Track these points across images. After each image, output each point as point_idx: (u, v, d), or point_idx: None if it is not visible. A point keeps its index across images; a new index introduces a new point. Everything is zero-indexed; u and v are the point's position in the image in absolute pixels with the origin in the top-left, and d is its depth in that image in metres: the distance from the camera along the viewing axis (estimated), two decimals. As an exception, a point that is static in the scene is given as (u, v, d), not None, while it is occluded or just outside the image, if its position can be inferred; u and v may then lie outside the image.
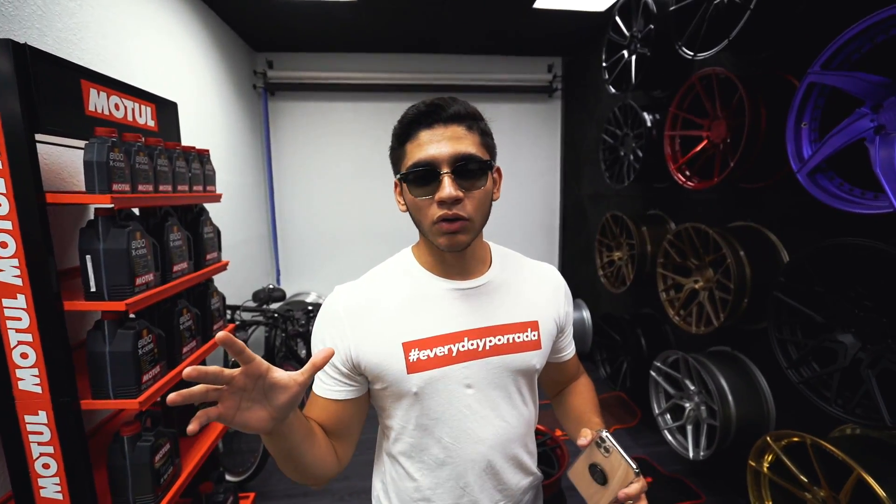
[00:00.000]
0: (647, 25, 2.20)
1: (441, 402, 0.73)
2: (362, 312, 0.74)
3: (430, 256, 0.78)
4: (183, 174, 1.57)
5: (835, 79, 1.33)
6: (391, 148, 0.76)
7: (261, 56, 3.81)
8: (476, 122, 0.72)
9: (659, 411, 2.27)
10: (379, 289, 0.77)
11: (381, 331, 0.73)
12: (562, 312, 0.85)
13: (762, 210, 1.91)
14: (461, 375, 0.73)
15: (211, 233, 1.77)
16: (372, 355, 0.72)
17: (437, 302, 0.75)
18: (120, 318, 1.24)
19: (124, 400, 1.22)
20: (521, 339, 0.77)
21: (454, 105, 0.70)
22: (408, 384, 0.72)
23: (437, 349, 0.73)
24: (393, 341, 0.72)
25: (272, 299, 2.94)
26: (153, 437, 1.31)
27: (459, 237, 0.70)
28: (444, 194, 0.66)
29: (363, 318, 0.74)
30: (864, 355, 1.32)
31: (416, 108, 0.71)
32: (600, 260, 3.02)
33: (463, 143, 0.68)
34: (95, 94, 1.29)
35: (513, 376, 0.77)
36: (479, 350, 0.74)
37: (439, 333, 0.73)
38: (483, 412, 0.75)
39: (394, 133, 0.74)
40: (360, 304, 0.75)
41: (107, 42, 1.85)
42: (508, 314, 0.78)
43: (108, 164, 1.15)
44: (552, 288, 0.85)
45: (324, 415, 0.75)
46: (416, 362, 0.72)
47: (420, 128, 0.69)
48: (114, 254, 1.19)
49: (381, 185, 4.03)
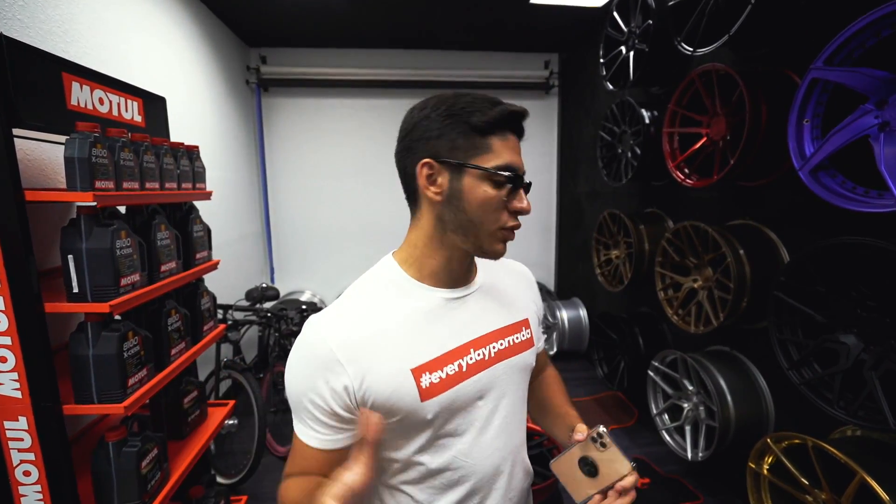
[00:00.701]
0: (646, 21, 2.17)
1: (455, 422, 0.69)
2: (359, 345, 0.64)
3: (435, 262, 0.70)
4: (171, 171, 1.52)
5: (838, 74, 1.30)
6: (446, 125, 0.64)
7: (254, 51, 3.75)
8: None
9: (657, 411, 2.26)
10: (369, 312, 0.67)
11: (384, 360, 0.64)
12: (539, 305, 0.86)
13: (761, 208, 1.89)
14: (473, 390, 0.69)
15: (201, 231, 1.73)
16: (381, 389, 0.63)
17: (437, 316, 0.69)
18: (104, 320, 1.19)
19: (109, 405, 1.18)
20: (519, 340, 0.76)
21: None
22: (423, 412, 0.65)
23: (448, 368, 0.67)
24: (400, 370, 0.64)
25: (265, 298, 2.90)
26: (140, 442, 1.27)
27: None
28: (526, 206, 0.66)
29: (361, 351, 0.64)
30: (867, 356, 1.30)
31: (512, 107, 0.65)
32: (597, 258, 2.99)
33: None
34: (78, 88, 1.25)
35: (516, 378, 0.75)
36: (486, 359, 0.71)
37: (446, 350, 0.68)
38: (495, 421, 0.72)
39: (469, 112, 0.64)
40: (354, 336, 0.64)
41: (94, 35, 1.80)
42: (503, 316, 0.76)
43: (91, 161, 1.11)
44: (527, 282, 0.85)
45: (319, 466, 0.66)
46: (430, 387, 0.65)
47: (510, 129, 0.66)
48: (97, 253, 1.15)
49: (376, 182, 3.99)
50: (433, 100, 0.67)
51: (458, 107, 0.65)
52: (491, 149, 0.65)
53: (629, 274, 2.58)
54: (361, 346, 0.64)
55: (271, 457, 2.52)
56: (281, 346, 2.72)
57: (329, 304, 0.70)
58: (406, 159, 0.68)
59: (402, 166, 0.70)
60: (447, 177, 0.65)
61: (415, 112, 0.68)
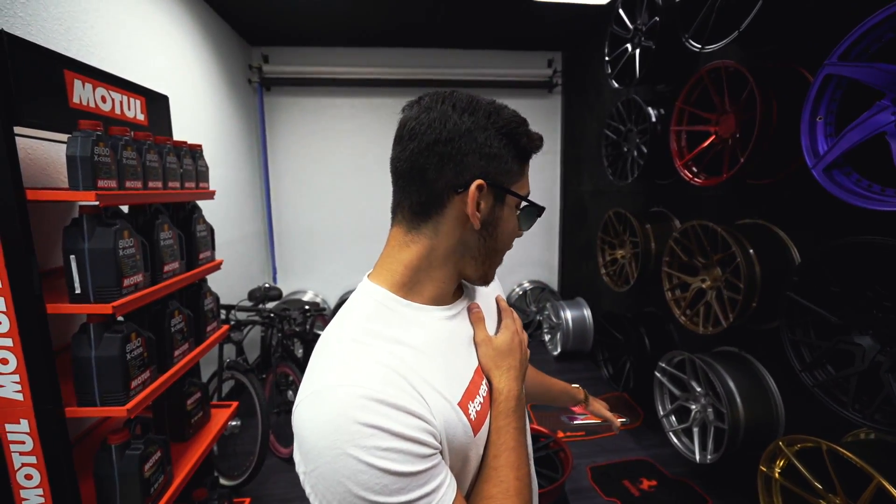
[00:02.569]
0: (652, 18, 2.15)
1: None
2: (406, 373, 0.52)
3: (438, 284, 0.61)
4: (174, 170, 1.50)
5: (853, 70, 1.28)
6: (512, 150, 0.59)
7: (256, 50, 3.73)
8: None
9: (664, 413, 2.23)
10: (386, 347, 0.54)
11: (431, 394, 0.53)
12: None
13: (771, 207, 1.87)
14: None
15: (204, 231, 1.71)
16: (444, 421, 0.53)
17: (448, 336, 0.61)
18: (107, 321, 1.18)
19: (112, 407, 1.16)
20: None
21: None
22: (475, 447, 0.57)
23: (482, 390, 0.61)
24: (448, 404, 0.54)
25: (268, 298, 2.88)
26: (142, 445, 1.25)
27: None
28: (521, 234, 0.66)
29: (413, 380, 0.52)
30: (884, 358, 1.27)
31: (538, 138, 0.62)
32: (602, 258, 2.97)
33: None
34: (80, 86, 1.23)
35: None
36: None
37: (473, 372, 0.61)
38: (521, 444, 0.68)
39: (513, 134, 0.58)
40: (397, 366, 0.52)
41: (95, 33, 1.78)
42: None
43: (93, 160, 1.09)
44: (497, 285, 0.80)
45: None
46: (477, 418, 0.57)
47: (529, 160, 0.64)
48: (100, 254, 1.13)
49: (379, 181, 3.97)
50: (472, 102, 0.57)
51: (510, 125, 0.58)
52: (523, 176, 0.62)
53: (635, 274, 2.56)
54: (409, 375, 0.52)
55: (274, 458, 2.50)
56: (283, 346, 2.70)
57: (318, 365, 0.53)
58: (440, 168, 0.55)
59: (422, 172, 0.56)
60: (491, 202, 0.58)
61: (456, 115, 0.56)
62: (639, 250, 2.50)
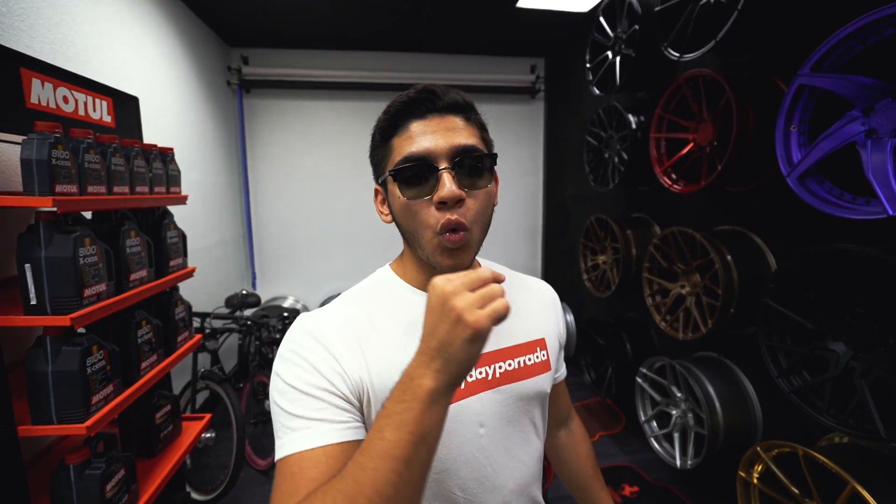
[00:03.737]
0: (632, 26, 2.17)
1: (452, 448, 0.59)
2: (360, 326, 0.60)
3: (419, 273, 0.65)
4: (142, 174, 1.45)
5: (825, 81, 1.30)
6: (372, 147, 0.64)
7: (235, 51, 3.66)
8: (474, 114, 0.62)
9: (645, 418, 2.24)
10: (369, 308, 0.63)
11: (384, 354, 0.58)
12: (562, 328, 0.78)
13: (748, 214, 1.89)
14: (474, 412, 0.61)
15: (175, 237, 1.65)
16: (385, 379, 0.56)
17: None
18: (65, 334, 1.11)
19: (69, 425, 1.10)
20: (532, 362, 0.68)
21: (450, 93, 0.59)
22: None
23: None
24: (399, 370, 0.52)
25: (246, 305, 2.80)
26: (104, 464, 1.19)
27: (461, 256, 0.58)
28: (445, 192, 0.54)
29: (364, 333, 0.59)
30: (857, 364, 1.29)
31: (404, 96, 0.59)
32: (584, 264, 2.98)
33: (463, 135, 0.58)
34: (39, 85, 1.17)
35: (526, 406, 0.66)
36: (489, 379, 0.63)
37: None
38: (497, 455, 0.63)
39: (376, 128, 0.62)
40: (355, 318, 0.60)
41: (61, 31, 1.71)
42: (515, 334, 0.68)
43: (50, 163, 1.03)
44: (549, 301, 0.78)
45: (331, 470, 0.49)
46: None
47: (411, 118, 0.58)
48: (58, 262, 1.07)
49: (361, 186, 3.92)
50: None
51: (380, 119, 0.63)
52: (393, 150, 0.60)
53: (616, 279, 2.57)
54: (363, 329, 0.60)
55: (251, 470, 2.42)
56: (262, 354, 2.63)
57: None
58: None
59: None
60: (385, 196, 0.64)
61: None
62: (620, 256, 2.51)
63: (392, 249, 0.73)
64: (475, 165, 0.58)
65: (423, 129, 0.58)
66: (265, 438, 2.54)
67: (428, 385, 0.44)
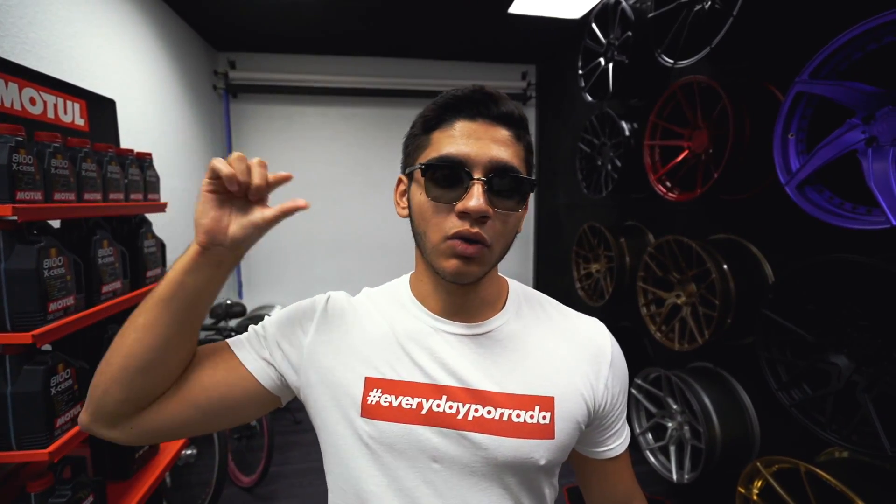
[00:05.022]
0: (625, 33, 2.15)
1: (395, 470, 0.56)
2: (340, 323, 0.62)
3: (424, 285, 0.62)
4: (117, 180, 1.37)
5: (824, 88, 1.28)
6: (410, 134, 0.60)
7: (222, 55, 3.59)
8: (525, 133, 0.58)
9: (640, 431, 2.19)
10: (366, 311, 0.64)
11: (347, 356, 0.60)
12: (600, 390, 0.61)
13: (744, 223, 1.87)
14: (427, 444, 0.55)
15: (153, 246, 1.57)
16: (326, 373, 0.59)
17: (421, 342, 0.59)
18: (27, 352, 1.04)
19: (31, 450, 1.02)
20: (523, 420, 0.56)
21: (507, 103, 0.55)
22: (357, 429, 0.56)
23: (404, 399, 0.56)
24: (356, 371, 0.58)
25: (230, 315, 2.72)
26: (70, 491, 1.11)
27: (472, 267, 0.53)
28: (472, 205, 0.51)
29: (337, 329, 0.62)
30: (860, 378, 1.26)
31: (458, 91, 0.56)
32: (577, 272, 2.94)
33: (508, 152, 0.54)
34: (2, 85, 1.10)
35: (498, 470, 0.56)
36: (459, 418, 0.55)
37: (413, 381, 0.57)
38: (450, 499, 0.55)
39: (420, 116, 0.59)
40: (344, 313, 0.63)
41: (33, 30, 1.63)
42: (511, 380, 0.57)
43: (10, 168, 0.96)
44: (590, 352, 0.62)
45: (209, 356, 0.60)
46: (374, 406, 0.56)
47: (458, 116, 0.54)
48: (19, 275, 1.00)
49: (351, 193, 3.86)
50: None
51: (428, 107, 0.58)
52: (430, 144, 0.56)
53: (610, 288, 2.53)
54: (340, 327, 0.62)
55: (234, 488, 2.33)
56: (246, 366, 2.54)
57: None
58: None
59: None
60: (407, 188, 0.60)
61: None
62: (614, 265, 2.48)
63: (382, 259, 0.71)
64: (511, 186, 0.54)
65: (469, 131, 0.54)
66: (249, 454, 2.44)
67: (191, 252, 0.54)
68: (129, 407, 0.53)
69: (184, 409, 0.56)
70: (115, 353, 0.53)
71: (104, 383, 0.53)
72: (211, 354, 0.60)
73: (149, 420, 0.55)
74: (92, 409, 0.54)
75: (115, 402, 0.53)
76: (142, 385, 0.53)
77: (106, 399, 0.53)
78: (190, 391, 0.56)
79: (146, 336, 0.52)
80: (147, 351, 0.52)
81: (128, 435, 0.55)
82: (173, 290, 0.52)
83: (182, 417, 0.56)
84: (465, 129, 0.54)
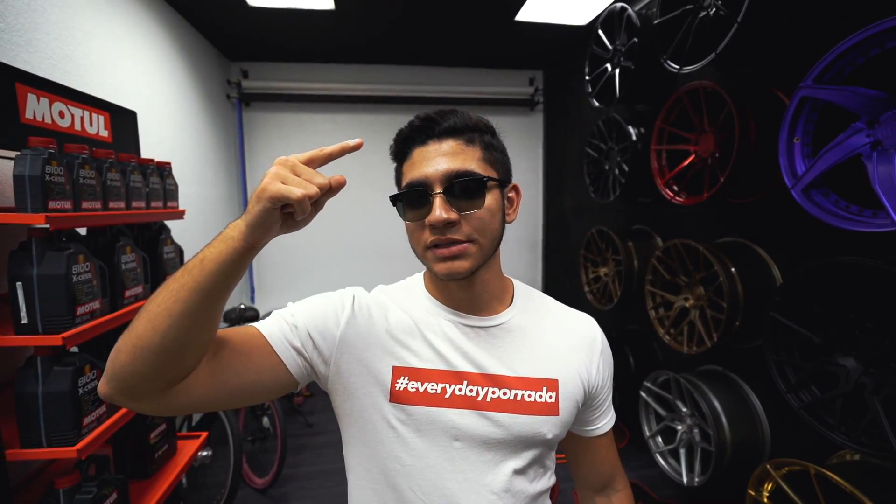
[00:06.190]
0: (631, 39, 2.17)
1: (420, 449, 0.63)
2: (367, 316, 0.68)
3: (434, 284, 0.71)
4: (139, 189, 1.43)
5: (828, 93, 1.29)
6: (395, 168, 0.70)
7: (235, 65, 3.68)
8: (479, 135, 0.65)
9: (650, 434, 2.19)
10: (388, 305, 0.70)
11: (376, 347, 0.66)
12: (593, 374, 0.71)
13: (751, 225, 1.87)
14: (450, 424, 0.63)
15: (172, 252, 1.63)
16: (356, 364, 0.65)
17: (440, 334, 0.67)
18: (56, 354, 1.09)
19: (59, 448, 1.06)
20: (532, 399, 0.65)
21: (451, 117, 0.63)
22: (385, 414, 0.63)
23: (430, 385, 0.64)
24: (384, 361, 0.65)
25: (244, 320, 2.78)
26: (95, 488, 1.15)
27: (459, 263, 0.61)
28: (434, 217, 0.59)
29: (365, 322, 0.67)
30: (868, 380, 1.26)
31: (410, 124, 0.65)
32: (585, 276, 2.95)
33: (458, 159, 0.61)
34: (34, 101, 1.16)
35: (513, 443, 0.64)
36: (478, 400, 0.64)
37: (436, 368, 0.65)
38: (469, 473, 0.63)
39: (391, 152, 0.69)
40: (370, 307, 0.68)
41: (60, 46, 1.71)
42: (522, 366, 0.66)
43: (44, 179, 1.01)
44: (584, 342, 0.72)
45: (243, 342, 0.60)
46: (402, 392, 0.63)
47: (413, 145, 0.64)
48: (50, 280, 1.05)
49: (362, 198, 3.91)
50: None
51: (392, 144, 0.68)
52: (403, 175, 0.65)
53: (619, 292, 2.54)
54: (370, 319, 0.67)
55: (248, 489, 2.37)
56: (259, 369, 2.59)
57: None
58: None
59: None
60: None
61: None
62: (622, 268, 2.49)
63: (391, 263, 0.76)
64: (468, 188, 0.60)
65: (423, 155, 0.62)
66: (263, 456, 2.49)
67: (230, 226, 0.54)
68: (160, 384, 0.53)
69: (215, 390, 0.57)
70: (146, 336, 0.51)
71: (130, 363, 0.51)
72: (245, 341, 0.61)
73: (179, 397, 0.55)
74: (116, 383, 0.53)
75: (145, 380, 0.52)
76: (176, 364, 0.53)
77: (135, 378, 0.52)
78: (222, 374, 0.57)
79: (183, 322, 0.51)
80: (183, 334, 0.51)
81: (155, 408, 0.55)
82: (214, 280, 0.51)
83: (211, 397, 0.58)
84: (420, 154, 0.62)
